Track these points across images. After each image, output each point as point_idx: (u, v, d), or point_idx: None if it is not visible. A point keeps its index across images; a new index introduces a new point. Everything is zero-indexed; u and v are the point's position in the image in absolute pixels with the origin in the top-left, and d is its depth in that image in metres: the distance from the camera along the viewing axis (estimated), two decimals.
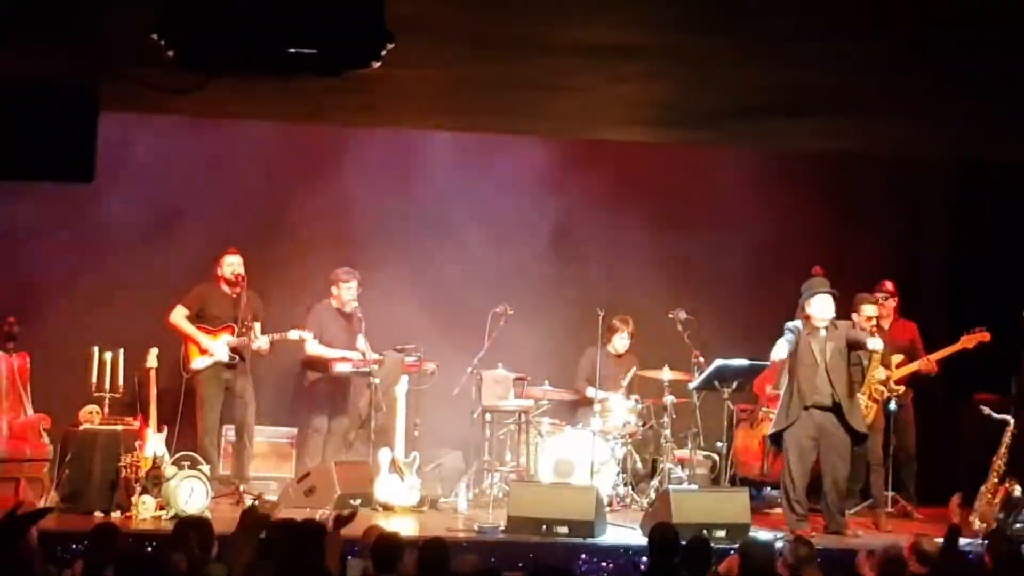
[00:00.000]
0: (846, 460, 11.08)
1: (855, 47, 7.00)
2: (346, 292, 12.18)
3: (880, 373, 11.60)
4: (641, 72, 7.61)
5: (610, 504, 11.55)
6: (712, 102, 8.45)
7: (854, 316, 11.59)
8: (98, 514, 10.39)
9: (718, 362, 11.82)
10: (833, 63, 7.29)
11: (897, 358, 12.09)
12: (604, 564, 9.62)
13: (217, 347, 11.67)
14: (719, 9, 6.41)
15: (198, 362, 11.65)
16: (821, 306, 11.00)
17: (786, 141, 10.59)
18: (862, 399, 11.44)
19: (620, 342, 12.67)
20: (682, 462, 12.23)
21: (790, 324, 11.20)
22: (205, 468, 10.91)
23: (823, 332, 11.03)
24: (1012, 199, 12.80)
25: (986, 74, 7.50)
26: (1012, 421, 11.65)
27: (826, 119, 8.95)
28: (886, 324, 12.26)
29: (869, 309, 11.62)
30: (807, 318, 11.02)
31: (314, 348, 12.16)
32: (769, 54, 7.13)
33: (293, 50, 6.12)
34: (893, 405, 11.94)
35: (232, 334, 11.65)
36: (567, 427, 12.27)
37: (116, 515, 10.39)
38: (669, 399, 12.10)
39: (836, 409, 10.97)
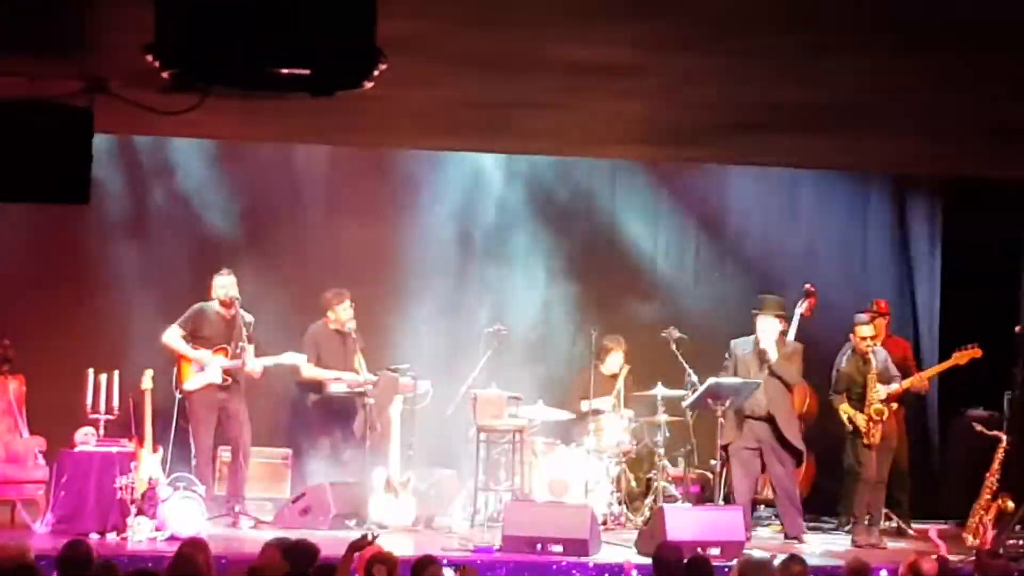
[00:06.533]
0: None
1: (847, 64, 7.04)
2: (343, 312, 12.12)
3: (880, 392, 11.57)
4: (637, 90, 7.64)
5: (604, 523, 11.55)
6: (708, 120, 8.48)
7: (851, 336, 11.64)
8: (93, 536, 10.39)
9: (711, 380, 11.84)
10: (826, 80, 7.33)
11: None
12: None
13: (210, 367, 11.63)
14: (711, 27, 6.45)
15: (190, 383, 11.60)
16: (762, 326, 11.66)
17: (784, 158, 10.64)
18: (861, 420, 11.47)
19: (614, 361, 12.66)
20: (676, 480, 12.25)
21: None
22: (200, 489, 10.92)
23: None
24: (1003, 215, 12.85)
25: (982, 92, 7.55)
26: (1004, 438, 11.69)
27: (822, 136, 8.98)
28: (878, 342, 12.24)
29: (864, 330, 11.63)
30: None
31: (310, 372, 12.12)
32: (762, 72, 7.16)
33: (286, 71, 6.13)
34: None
35: (226, 356, 11.62)
36: (561, 446, 12.27)
37: (112, 536, 10.41)
38: (663, 417, 12.11)
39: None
